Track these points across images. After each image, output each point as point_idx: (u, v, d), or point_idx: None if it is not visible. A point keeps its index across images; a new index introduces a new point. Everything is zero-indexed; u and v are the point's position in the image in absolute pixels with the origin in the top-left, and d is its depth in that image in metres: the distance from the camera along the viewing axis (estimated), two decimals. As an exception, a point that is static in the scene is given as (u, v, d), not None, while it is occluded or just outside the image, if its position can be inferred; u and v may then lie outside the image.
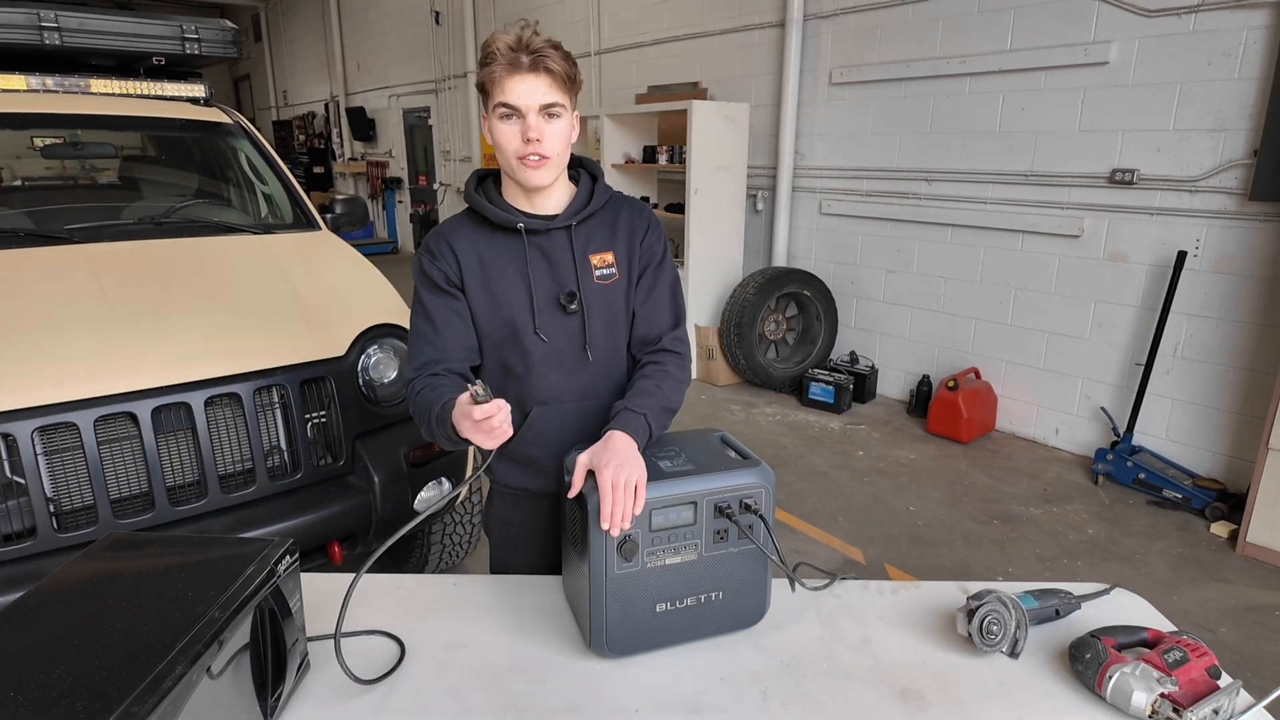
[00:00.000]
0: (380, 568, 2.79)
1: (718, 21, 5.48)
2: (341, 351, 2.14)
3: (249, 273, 2.41)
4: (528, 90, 1.25)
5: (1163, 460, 3.61)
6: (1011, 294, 4.17)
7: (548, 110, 1.28)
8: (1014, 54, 3.94)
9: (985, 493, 3.57)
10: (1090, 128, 3.74)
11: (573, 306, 1.38)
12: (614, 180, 5.68)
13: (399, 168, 10.60)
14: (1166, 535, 3.21)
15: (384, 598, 1.44)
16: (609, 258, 1.41)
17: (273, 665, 1.11)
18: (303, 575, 1.54)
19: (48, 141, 3.16)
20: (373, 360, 2.22)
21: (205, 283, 2.27)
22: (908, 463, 3.89)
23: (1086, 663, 1.21)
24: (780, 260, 5.22)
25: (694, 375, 5.25)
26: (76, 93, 3.04)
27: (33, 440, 1.72)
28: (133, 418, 1.82)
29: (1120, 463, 3.60)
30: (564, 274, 1.39)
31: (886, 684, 1.23)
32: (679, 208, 5.09)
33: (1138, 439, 3.69)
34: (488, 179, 1.45)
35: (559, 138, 1.30)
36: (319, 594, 1.45)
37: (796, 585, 1.27)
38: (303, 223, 3.05)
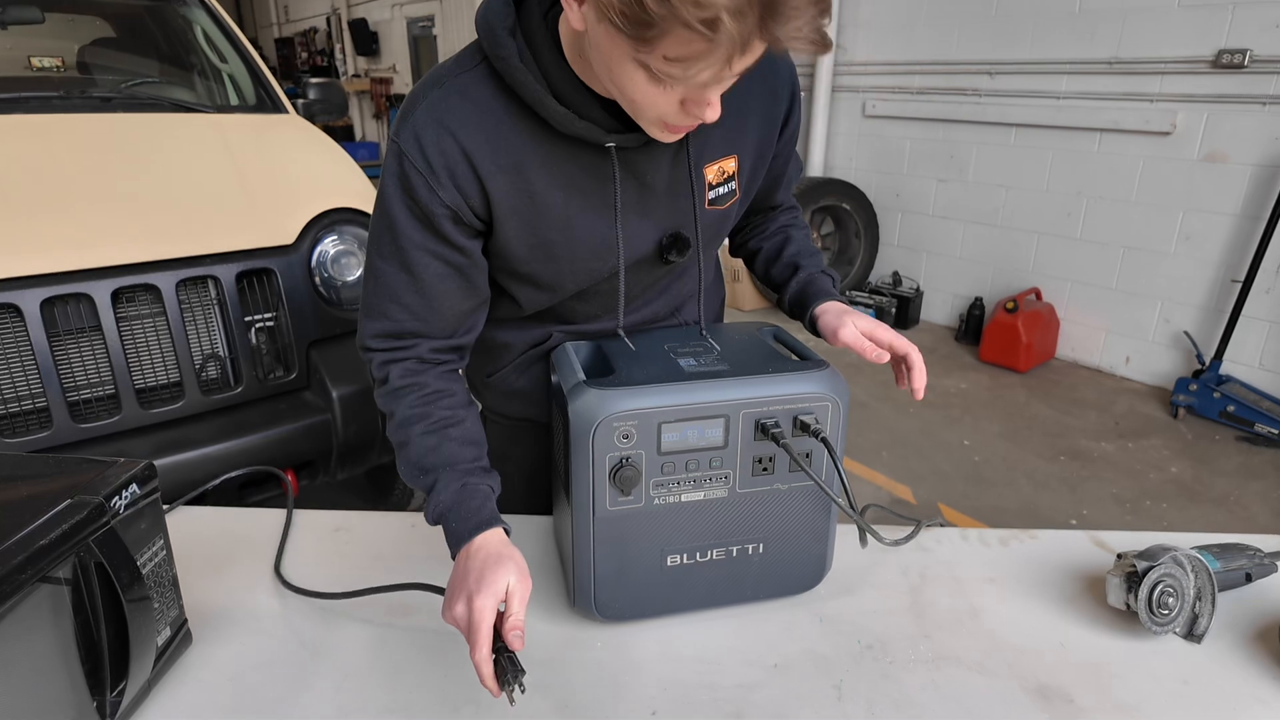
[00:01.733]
0: (352, 504, 2.44)
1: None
2: (290, 239, 1.74)
3: (189, 151, 1.99)
4: (736, 72, 0.64)
5: (1256, 392, 3.15)
6: (1083, 204, 3.66)
7: None
8: (1104, -85, 3.33)
9: (1049, 426, 3.15)
10: (1192, 2, 3.16)
11: (682, 257, 0.91)
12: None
13: (403, 84, 10.01)
14: (1264, 475, 2.78)
15: (323, 543, 1.07)
16: (730, 166, 0.90)
17: (110, 646, 0.74)
18: (233, 511, 1.18)
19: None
20: (330, 253, 1.81)
21: (132, 159, 1.86)
22: (959, 393, 3.47)
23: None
24: (816, 170, 4.70)
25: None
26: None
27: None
28: (17, 311, 1.44)
29: (1205, 394, 3.16)
30: (668, 205, 0.88)
31: (1015, 677, 0.84)
32: (704, 110, 4.57)
33: (1226, 368, 3.23)
34: (531, 16, 0.77)
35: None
36: (232, 538, 1.09)
37: (869, 539, 0.87)
38: (267, 105, 2.61)
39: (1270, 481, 2.74)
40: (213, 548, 1.06)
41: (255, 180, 1.86)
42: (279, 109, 2.61)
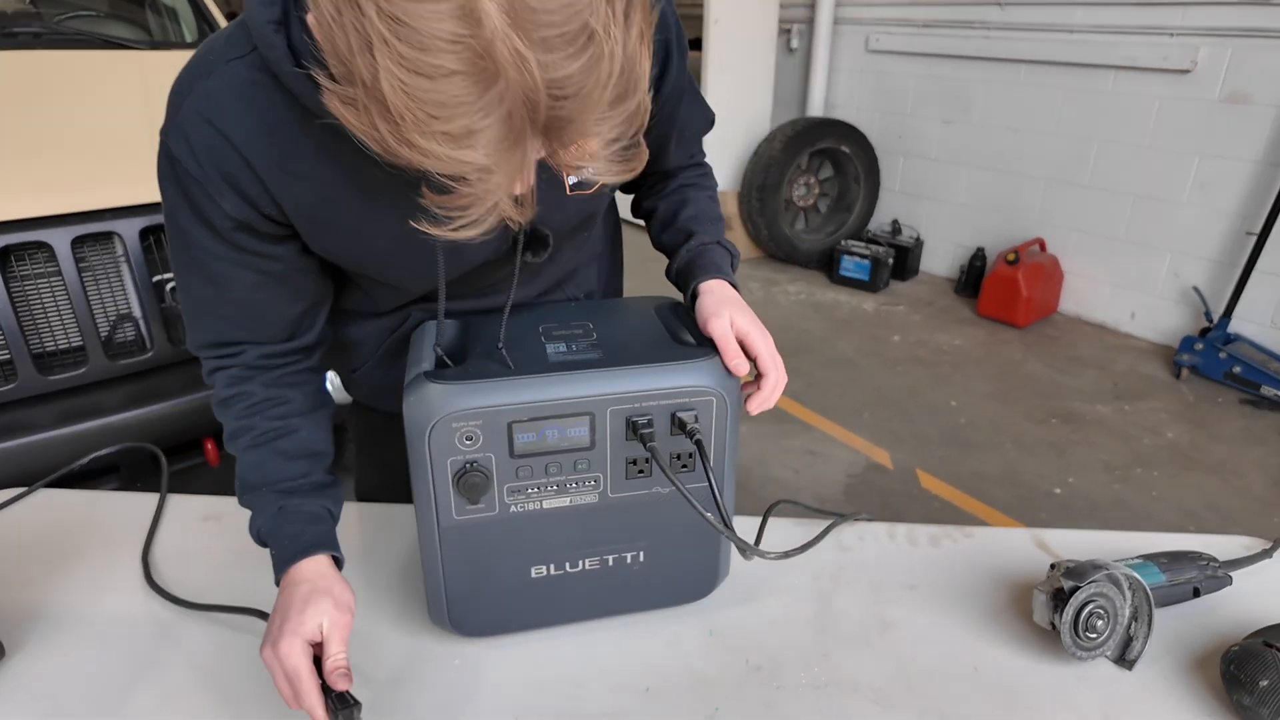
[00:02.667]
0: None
1: None
2: (203, 191, 1.61)
3: (106, 94, 1.86)
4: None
5: (1265, 351, 2.99)
6: (1094, 148, 3.43)
7: None
8: None
9: (1043, 386, 3.01)
10: (1223, -77, 2.88)
11: (541, 258, 0.80)
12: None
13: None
14: (1265, 441, 2.64)
15: (187, 535, 0.98)
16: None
17: None
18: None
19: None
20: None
21: (42, 103, 1.73)
22: (951, 350, 3.32)
23: (1259, 694, 0.70)
24: (816, 110, 4.46)
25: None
26: None
27: None
28: (-110, 272, 1.34)
29: (1211, 353, 2.99)
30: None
31: (914, 708, 0.75)
32: (695, 44, 4.32)
33: (1235, 325, 3.05)
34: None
35: None
36: (90, 528, 0.99)
37: (753, 555, 0.75)
38: (211, 41, 2.45)
39: (1271, 448, 2.60)
40: (65, 540, 0.97)
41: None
42: (225, 46, 2.45)
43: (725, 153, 4.45)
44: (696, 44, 4.32)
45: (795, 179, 4.27)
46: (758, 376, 0.80)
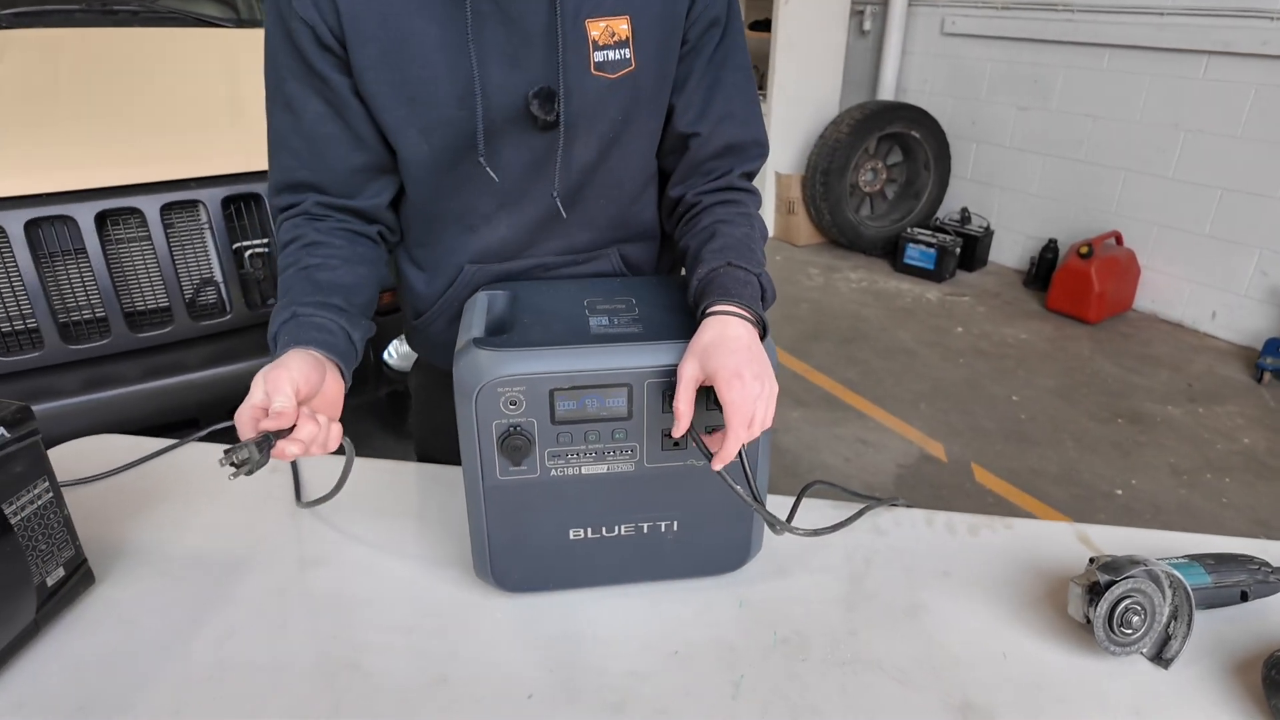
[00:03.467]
0: (366, 428, 2.47)
1: None
2: (281, 163, 1.69)
3: (195, 70, 1.96)
4: None
5: (1359, 357, 2.82)
6: (1180, 137, 3.27)
7: None
8: None
9: (1111, 384, 2.91)
10: (1338, -103, 2.69)
11: (549, 117, 0.81)
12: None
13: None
14: (1352, 452, 2.50)
15: (233, 479, 1.05)
16: (621, 27, 0.80)
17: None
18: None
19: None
20: (326, 178, 1.77)
21: (135, 77, 1.84)
22: (1016, 343, 3.23)
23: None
24: (887, 94, 4.36)
25: (771, 231, 4.60)
26: None
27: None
28: (2, 233, 1.45)
29: (1298, 357, 2.84)
30: (537, 52, 0.79)
31: (938, 691, 0.75)
32: (765, 25, 4.26)
33: (1327, 328, 2.89)
34: None
35: None
36: (175, 474, 1.07)
37: (783, 530, 0.76)
38: (293, 20, 2.55)
39: (1359, 459, 2.46)
40: (149, 483, 1.05)
41: (253, 101, 1.81)
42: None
43: (791, 137, 4.40)
44: (766, 24, 4.27)
45: (862, 164, 4.19)
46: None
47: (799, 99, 4.31)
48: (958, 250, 3.89)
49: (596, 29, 0.79)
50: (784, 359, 3.09)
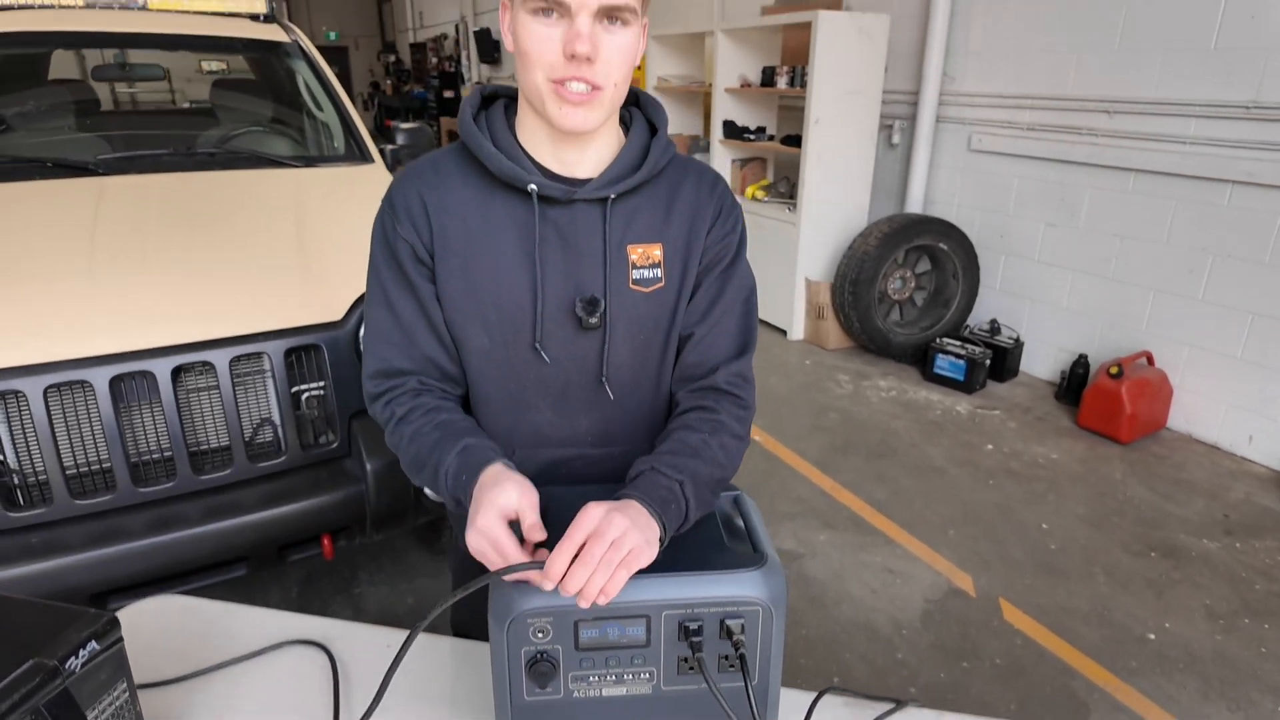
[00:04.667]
0: (403, 551, 2.55)
1: (862, -82, 4.65)
2: (339, 315, 1.84)
3: (264, 216, 2.15)
4: None
5: (1403, 492, 2.76)
6: (1208, 261, 3.31)
7: (611, 12, 0.84)
8: (1250, -56, 2.98)
9: (1144, 512, 2.88)
10: (1353, 44, 2.78)
11: (593, 319, 0.96)
12: (728, 108, 5.08)
13: (522, 92, 10.31)
14: (1400, 597, 2.43)
15: (281, 650, 1.12)
16: (655, 253, 0.98)
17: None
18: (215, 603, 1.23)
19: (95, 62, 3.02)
20: (380, 325, 1.91)
21: (210, 226, 2.02)
22: (1048, 464, 3.23)
23: None
24: (915, 206, 4.49)
25: (800, 334, 4.69)
26: (134, 9, 2.87)
27: (-26, 408, 1.53)
28: (89, 386, 1.60)
29: (1339, 489, 2.79)
30: (587, 269, 0.97)
31: None
32: (797, 140, 4.45)
33: (1369, 460, 2.84)
34: (498, 102, 1.00)
35: (621, 61, 0.87)
36: (225, 637, 1.14)
37: None
38: (355, 155, 2.77)
39: (1407, 604, 2.39)
40: (208, 651, 1.14)
41: (317, 251, 1.98)
42: (365, 158, 2.76)
43: (821, 246, 4.53)
44: (796, 140, 4.46)
45: (891, 273, 4.29)
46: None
47: (828, 209, 4.46)
48: (987, 362, 3.92)
49: (635, 253, 0.97)
50: (812, 474, 3.12)
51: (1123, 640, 2.23)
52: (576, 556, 0.76)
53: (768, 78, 4.73)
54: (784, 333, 4.72)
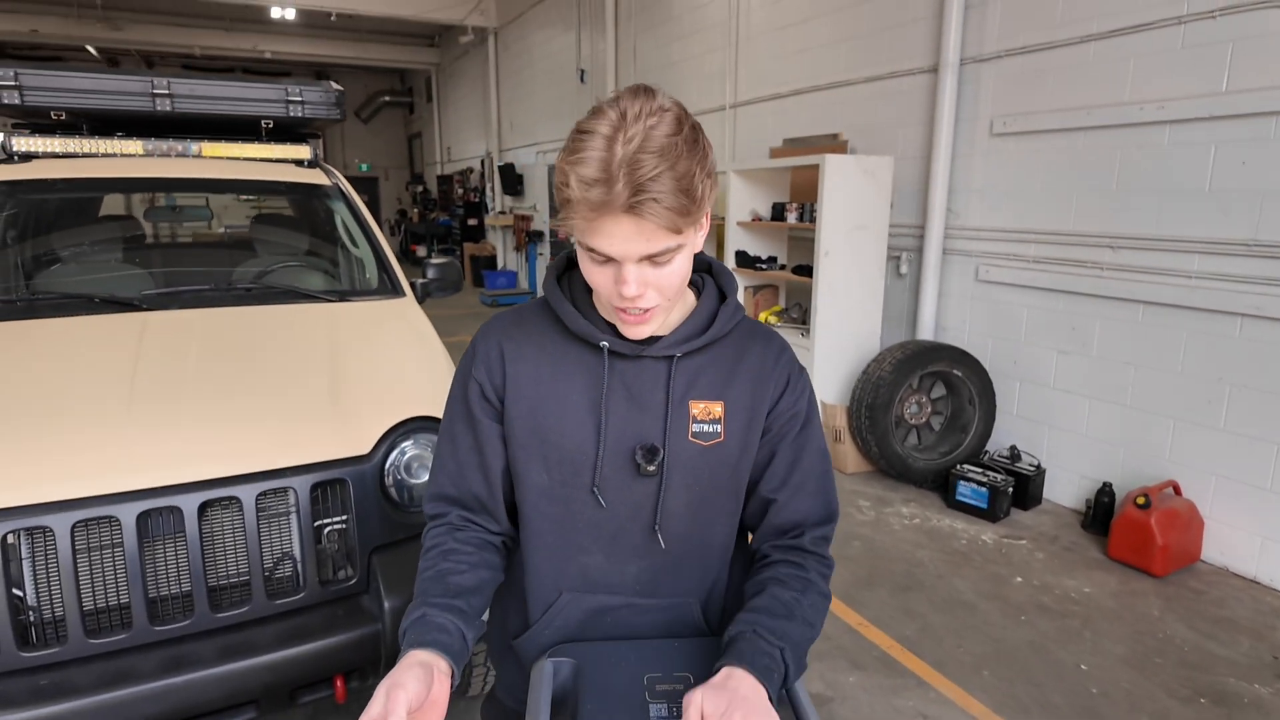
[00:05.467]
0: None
1: (862, 69, 5.00)
2: (366, 449, 1.86)
3: (298, 350, 2.21)
4: (623, 238, 0.86)
5: None
6: (1225, 391, 3.32)
7: (655, 259, 0.89)
8: (1232, 96, 3.18)
9: (1187, 653, 2.75)
10: (1343, 185, 2.90)
11: (650, 467, 1.01)
12: (739, 239, 5.29)
13: (542, 221, 10.79)
14: None
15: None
16: (717, 410, 1.03)
17: None
18: None
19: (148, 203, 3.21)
20: (405, 457, 1.92)
21: (245, 361, 2.09)
22: (1080, 598, 3.12)
23: None
24: (927, 333, 4.57)
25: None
26: (189, 157, 3.08)
27: (3, 541, 1.53)
28: (116, 521, 1.61)
29: (1392, 630, 2.66)
30: (649, 419, 1.02)
31: None
32: (808, 270, 4.60)
33: None
34: (576, 270, 1.07)
35: (670, 284, 0.93)
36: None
37: None
38: (387, 289, 2.88)
39: None
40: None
41: (347, 386, 2.02)
42: (398, 292, 2.87)
43: (836, 370, 4.58)
44: (807, 269, 4.60)
45: (906, 398, 4.31)
46: None
47: (841, 335, 4.55)
48: (1010, 489, 3.87)
49: (697, 408, 1.02)
50: (839, 609, 3.02)
51: (1180, 801, 2.07)
52: None
53: (778, 212, 4.95)
54: (801, 458, 4.69)
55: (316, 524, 1.81)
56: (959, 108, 4.35)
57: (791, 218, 4.80)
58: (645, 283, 0.90)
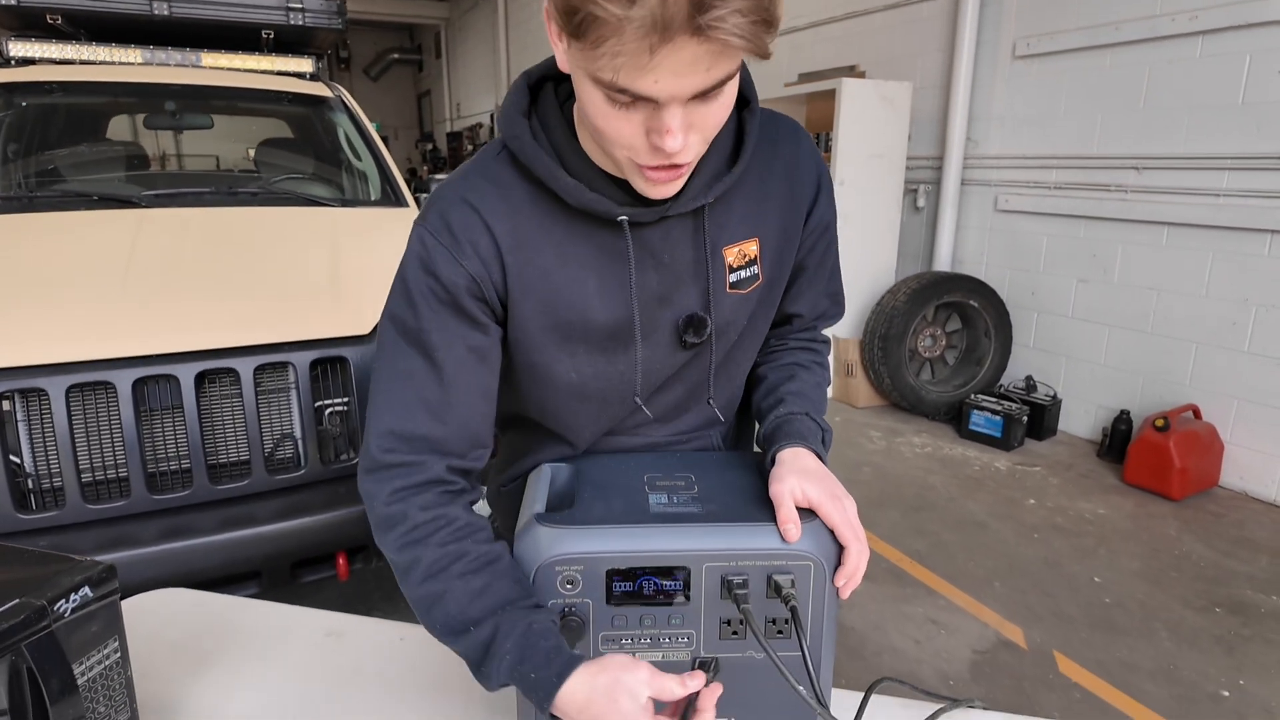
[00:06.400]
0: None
1: (881, -4, 4.84)
2: (366, 330, 1.82)
3: (298, 243, 2.17)
4: (678, 71, 0.60)
5: None
6: (1251, 312, 3.22)
7: (707, 94, 0.64)
8: (1269, 1, 3.03)
9: (1204, 568, 2.70)
10: (1384, 91, 2.77)
11: (699, 339, 0.86)
12: (754, 175, 5.17)
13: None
14: None
15: (308, 648, 1.05)
16: (751, 250, 0.86)
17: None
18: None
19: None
20: (406, 342, 1.89)
21: (245, 249, 2.05)
22: (1095, 519, 3.07)
23: None
24: (943, 265, 4.47)
25: (830, 393, 4.61)
26: (188, 66, 3.02)
27: (-3, 405, 1.51)
28: (111, 388, 1.58)
29: None
30: (684, 285, 0.84)
31: None
32: (822, 203, 4.49)
33: None
34: (545, 87, 0.81)
35: (720, 119, 0.69)
36: (226, 630, 1.08)
37: None
38: (391, 200, 2.83)
39: None
40: (206, 640, 1.07)
41: (348, 272, 1.99)
42: (401, 203, 2.82)
43: (848, 300, 4.48)
44: (823, 201, 4.50)
45: (920, 330, 4.24)
46: (841, 551, 0.78)
47: (855, 268, 4.45)
48: (1025, 419, 3.80)
49: (731, 254, 0.85)
50: (846, 527, 2.99)
51: (1195, 698, 2.04)
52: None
53: (792, 144, 4.82)
54: (812, 393, 4.64)
55: (317, 404, 1.79)
56: (980, 31, 4.20)
57: (805, 148, 4.68)
58: (690, 127, 0.66)
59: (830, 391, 4.60)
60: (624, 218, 0.78)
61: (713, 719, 0.71)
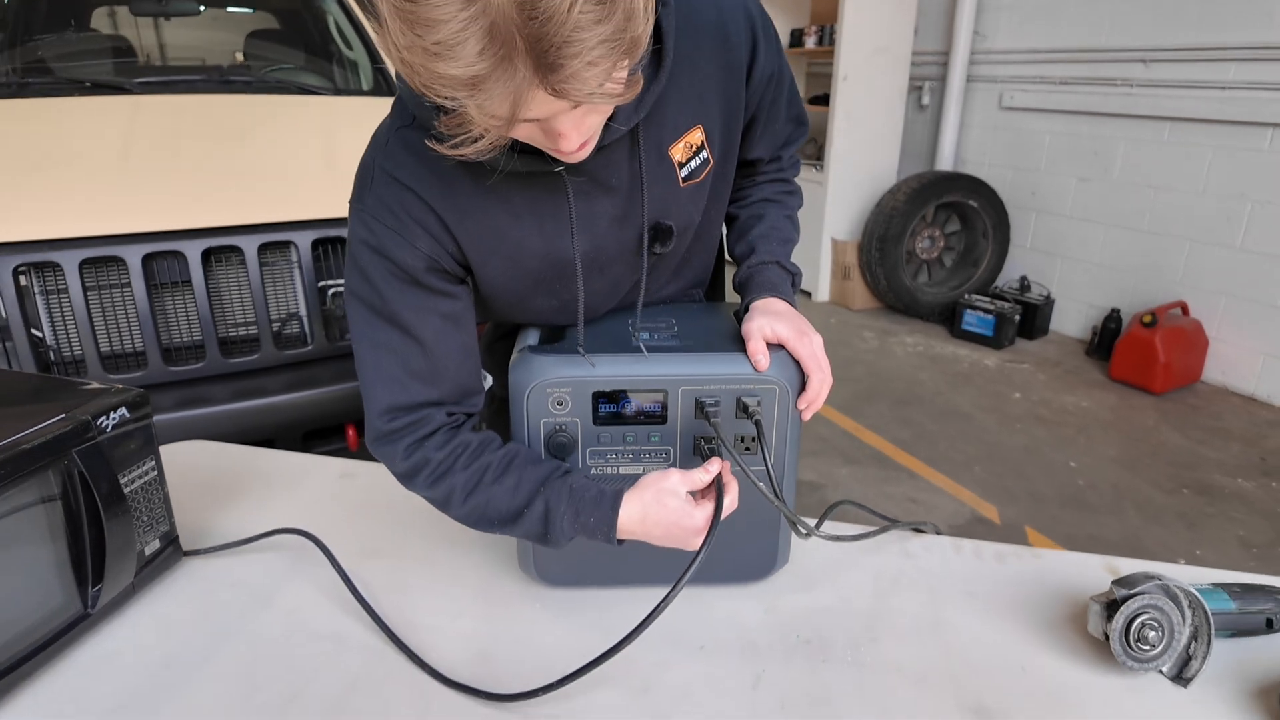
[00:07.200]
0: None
1: (893, -122, 4.61)
2: (366, 210, 1.86)
3: (293, 129, 2.18)
4: (551, 108, 0.59)
5: None
6: (1247, 208, 3.23)
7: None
8: (1294, -122, 2.91)
9: (1178, 455, 2.82)
10: (1402, -25, 2.70)
11: (668, 247, 0.87)
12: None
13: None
14: None
15: (325, 486, 1.15)
16: (697, 137, 0.84)
17: (92, 548, 0.84)
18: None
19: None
20: (406, 225, 1.93)
21: (239, 134, 2.06)
22: (1077, 411, 3.17)
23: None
24: (946, 165, 4.43)
25: (826, 296, 4.66)
26: (173, -51, 2.93)
27: (16, 279, 1.57)
28: (122, 264, 1.64)
29: (1383, 434, 2.71)
30: (637, 198, 0.83)
31: (953, 694, 0.78)
32: (825, 100, 4.42)
33: None
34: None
35: (612, 108, 0.68)
36: (253, 475, 1.18)
37: (809, 535, 0.85)
38: (382, 89, 2.80)
39: None
40: (232, 480, 1.17)
41: (343, 156, 2.00)
42: (393, 91, 2.80)
43: (847, 202, 4.49)
44: (825, 99, 4.43)
45: (919, 231, 4.25)
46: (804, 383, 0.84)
47: (856, 169, 4.43)
48: (1017, 318, 3.86)
49: (678, 151, 0.83)
50: (835, 418, 3.10)
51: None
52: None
53: (796, 39, 4.71)
54: (809, 294, 4.70)
55: (321, 284, 1.84)
56: (994, -85, 4.04)
57: (810, 42, 4.57)
58: (585, 124, 0.65)
59: (826, 295, 4.65)
60: (560, 168, 0.75)
61: (737, 487, 0.80)
